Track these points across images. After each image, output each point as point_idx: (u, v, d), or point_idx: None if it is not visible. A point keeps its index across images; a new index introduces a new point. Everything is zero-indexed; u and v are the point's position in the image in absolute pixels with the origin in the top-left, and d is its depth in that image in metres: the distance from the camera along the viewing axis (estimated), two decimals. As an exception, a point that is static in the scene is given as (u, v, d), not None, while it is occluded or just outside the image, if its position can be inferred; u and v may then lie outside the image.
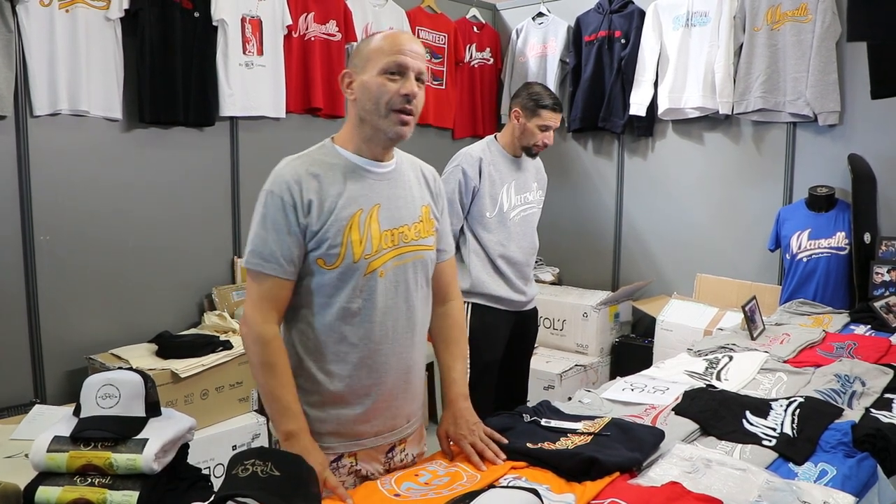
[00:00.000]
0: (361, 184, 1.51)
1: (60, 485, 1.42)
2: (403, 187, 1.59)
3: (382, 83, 1.47)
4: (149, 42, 3.06)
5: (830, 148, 3.47)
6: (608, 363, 4.04)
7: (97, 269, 3.05)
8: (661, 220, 4.17)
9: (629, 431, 1.62)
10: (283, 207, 1.45)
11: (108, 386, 1.54)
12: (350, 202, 1.48)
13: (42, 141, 2.87)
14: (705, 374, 2.27)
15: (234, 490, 1.19)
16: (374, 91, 1.47)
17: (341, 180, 1.49)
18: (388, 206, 1.53)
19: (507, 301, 2.79)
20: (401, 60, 1.47)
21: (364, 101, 1.49)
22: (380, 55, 1.48)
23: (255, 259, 1.47)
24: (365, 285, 1.50)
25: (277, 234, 1.45)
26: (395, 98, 1.47)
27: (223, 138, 3.45)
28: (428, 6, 4.34)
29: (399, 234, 1.54)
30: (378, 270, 1.50)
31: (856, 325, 2.88)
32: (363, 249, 1.48)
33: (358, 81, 1.50)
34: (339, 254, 1.47)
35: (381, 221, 1.51)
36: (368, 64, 1.49)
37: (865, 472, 1.53)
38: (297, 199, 1.45)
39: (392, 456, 1.62)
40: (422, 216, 1.60)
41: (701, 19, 3.77)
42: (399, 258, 1.54)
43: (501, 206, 2.76)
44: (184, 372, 2.72)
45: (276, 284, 1.47)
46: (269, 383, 1.48)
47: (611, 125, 4.17)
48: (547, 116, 2.73)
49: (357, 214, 1.48)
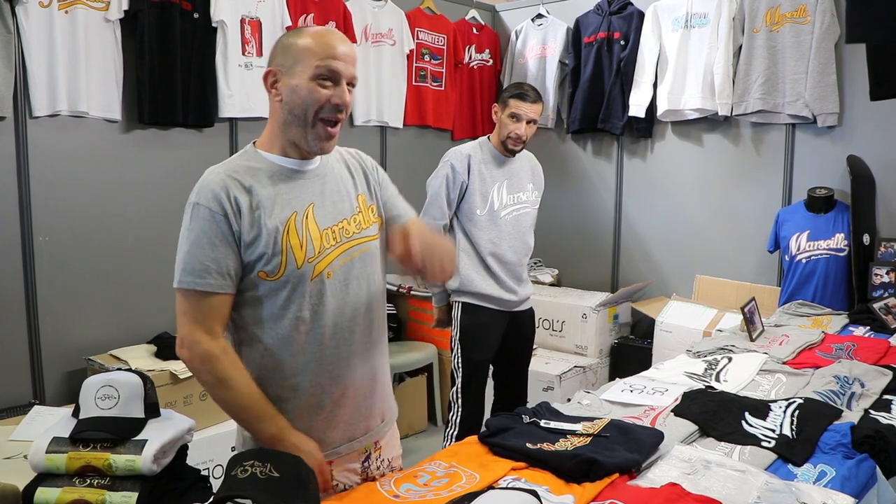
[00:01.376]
0: (291, 185, 1.43)
1: (59, 486, 1.41)
2: (335, 181, 1.50)
3: (313, 89, 1.37)
4: (148, 43, 3.06)
5: (829, 149, 3.47)
6: (607, 364, 4.04)
7: (96, 270, 3.05)
8: (660, 221, 4.17)
9: (628, 433, 1.62)
10: (212, 218, 1.35)
11: (107, 387, 1.54)
12: (283, 206, 1.40)
13: (41, 142, 2.87)
14: (704, 375, 2.27)
15: (234, 491, 1.19)
16: (303, 97, 1.38)
17: (269, 184, 1.40)
18: (323, 203, 1.45)
19: (497, 300, 2.78)
20: (334, 66, 1.37)
21: (292, 106, 1.39)
22: (310, 57, 1.37)
23: (188, 278, 1.35)
24: (314, 290, 1.41)
25: (210, 247, 1.35)
26: (326, 106, 1.38)
27: (222, 139, 3.45)
28: (427, 7, 4.34)
29: (340, 231, 1.46)
30: (325, 272, 1.42)
31: (855, 327, 2.88)
32: (305, 253, 1.40)
33: (285, 83, 1.39)
34: (281, 262, 1.38)
35: (318, 221, 1.43)
36: (297, 66, 1.38)
37: (864, 474, 1.53)
38: (226, 207, 1.36)
39: (368, 465, 1.57)
40: (359, 206, 1.51)
41: (700, 21, 3.77)
42: (345, 255, 1.46)
43: (492, 205, 2.76)
44: (183, 373, 2.72)
45: (217, 300, 1.37)
46: (231, 397, 1.39)
47: (610, 126, 4.17)
48: (514, 104, 2.71)
49: (292, 217, 1.40)
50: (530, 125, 2.78)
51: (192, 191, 1.42)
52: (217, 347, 1.37)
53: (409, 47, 4.20)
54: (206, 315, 1.37)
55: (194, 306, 1.37)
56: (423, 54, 4.32)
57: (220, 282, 1.36)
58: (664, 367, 2.41)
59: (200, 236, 1.36)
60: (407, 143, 4.30)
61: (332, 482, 1.49)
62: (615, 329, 4.10)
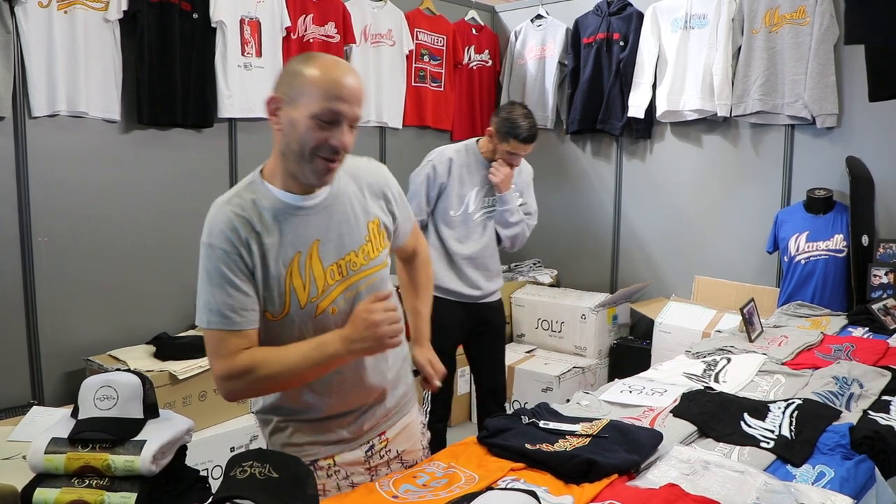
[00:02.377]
0: (295, 224, 1.40)
1: (58, 486, 1.41)
2: (343, 212, 1.46)
3: (311, 128, 1.32)
4: (147, 43, 3.06)
5: (828, 150, 3.47)
6: (606, 365, 4.04)
7: (95, 271, 3.05)
8: (659, 221, 4.17)
9: (627, 433, 1.62)
10: (227, 257, 1.35)
11: (105, 387, 1.54)
12: (286, 247, 1.39)
13: (40, 142, 2.87)
14: (703, 376, 2.27)
15: (233, 492, 1.19)
16: (300, 133, 1.33)
17: (273, 224, 1.38)
18: (329, 238, 1.43)
19: (459, 294, 2.85)
20: (337, 109, 1.32)
21: (289, 140, 1.35)
22: (314, 96, 1.32)
23: (214, 318, 1.36)
24: (319, 325, 1.42)
25: (230, 286, 1.35)
26: (324, 147, 1.33)
27: (222, 140, 3.45)
28: (427, 8, 4.34)
29: (346, 265, 1.45)
30: (329, 309, 1.43)
31: (854, 328, 2.88)
32: (308, 294, 1.40)
33: (286, 114, 1.34)
34: (285, 303, 1.39)
35: (322, 258, 1.42)
36: (300, 100, 1.33)
37: (863, 475, 1.53)
38: (238, 245, 1.35)
39: (371, 454, 1.58)
40: (369, 235, 1.49)
41: (699, 21, 3.78)
42: (350, 289, 1.46)
43: (467, 207, 2.83)
44: (182, 373, 2.72)
45: (245, 334, 1.38)
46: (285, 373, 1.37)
47: (609, 127, 4.17)
48: (516, 146, 2.76)
49: (296, 259, 1.39)
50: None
51: (204, 229, 1.40)
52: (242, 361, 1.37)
53: (409, 48, 4.20)
54: (235, 350, 1.37)
55: (224, 345, 1.37)
56: (423, 55, 4.32)
57: (245, 318, 1.37)
58: (663, 367, 2.41)
59: (219, 278, 1.36)
60: (406, 144, 4.30)
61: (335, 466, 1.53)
62: (614, 330, 4.11)
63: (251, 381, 1.38)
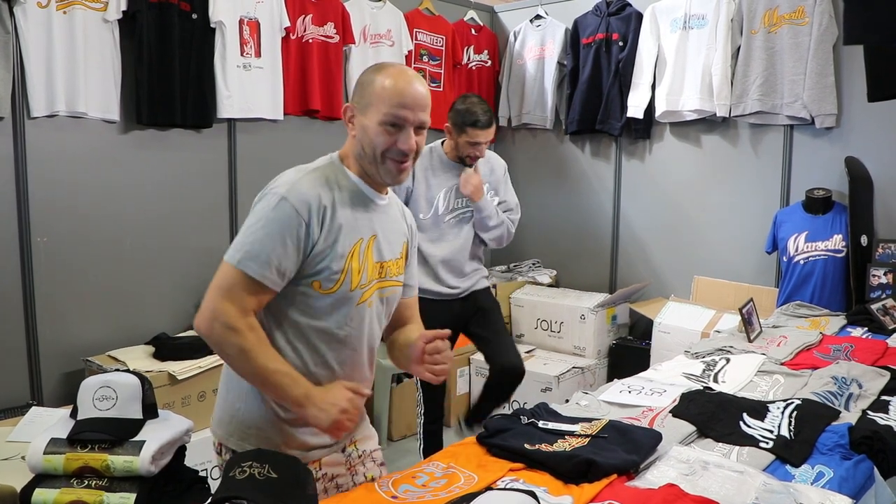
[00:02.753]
0: (364, 212, 1.50)
1: (57, 487, 1.41)
2: (394, 221, 1.60)
3: (380, 133, 1.43)
4: (146, 44, 3.06)
5: (827, 150, 3.48)
6: (605, 365, 4.04)
7: (94, 271, 3.05)
8: (658, 222, 4.17)
9: (626, 433, 1.63)
10: (295, 218, 1.38)
11: (104, 388, 1.54)
12: (354, 230, 1.47)
13: (39, 142, 2.87)
14: (702, 376, 2.27)
15: (232, 492, 1.19)
16: (371, 138, 1.44)
17: (349, 205, 1.47)
18: (382, 239, 1.53)
19: (433, 293, 2.84)
20: (402, 115, 1.43)
21: (363, 144, 1.46)
22: (382, 103, 1.43)
23: (250, 263, 1.36)
24: (355, 314, 1.49)
25: (281, 244, 1.37)
26: (393, 150, 1.45)
27: (221, 140, 3.45)
28: (426, 8, 4.34)
29: (385, 268, 1.55)
30: (368, 301, 1.51)
31: (853, 328, 2.88)
32: (360, 279, 1.47)
33: (359, 121, 1.47)
34: (339, 280, 1.44)
35: (374, 253, 1.51)
36: (370, 108, 1.44)
37: (862, 475, 1.54)
38: (312, 215, 1.39)
39: (349, 453, 1.63)
40: (402, 252, 1.62)
41: (698, 22, 3.78)
42: (381, 291, 1.55)
43: (437, 209, 2.83)
44: (181, 374, 2.72)
45: (264, 292, 1.40)
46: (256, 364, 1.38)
47: (608, 127, 4.17)
48: (474, 134, 2.76)
49: (358, 243, 1.47)
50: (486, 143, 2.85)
51: (278, 181, 1.43)
52: (244, 323, 1.37)
53: (408, 48, 4.20)
54: (246, 299, 1.38)
55: (241, 287, 1.37)
56: (422, 55, 4.32)
57: (276, 279, 1.39)
58: (662, 368, 2.41)
59: (277, 231, 1.37)
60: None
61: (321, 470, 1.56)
62: (613, 330, 4.11)
63: (231, 342, 1.37)
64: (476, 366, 4.01)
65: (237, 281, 1.37)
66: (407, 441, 3.65)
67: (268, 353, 1.40)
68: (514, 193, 3.05)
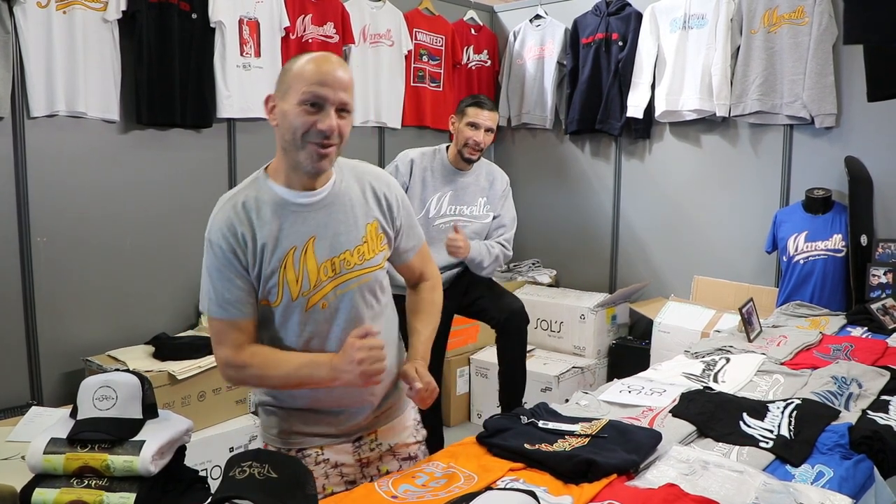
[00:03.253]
0: (293, 219, 1.47)
1: (57, 487, 1.41)
2: (342, 211, 1.52)
3: (299, 114, 1.40)
4: (146, 43, 3.06)
5: (827, 150, 3.48)
6: (605, 365, 4.04)
7: (94, 271, 3.05)
8: (658, 222, 4.17)
9: (626, 433, 1.63)
10: (223, 255, 1.45)
11: (104, 388, 1.54)
12: (282, 241, 1.46)
13: (39, 142, 2.87)
14: (702, 376, 2.27)
15: (232, 492, 1.19)
16: (291, 122, 1.41)
17: (272, 219, 1.46)
18: (325, 236, 1.49)
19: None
20: (319, 93, 1.39)
21: (283, 131, 1.43)
22: (299, 83, 1.40)
23: (214, 308, 1.48)
24: (309, 318, 1.50)
25: (227, 281, 1.46)
26: (312, 131, 1.40)
27: (220, 140, 3.45)
28: (426, 8, 4.34)
29: (340, 262, 1.51)
30: (319, 303, 1.50)
31: (852, 327, 2.88)
32: (300, 288, 1.47)
33: (280, 108, 1.44)
34: (278, 293, 1.47)
35: (317, 254, 1.48)
36: (289, 91, 1.42)
37: (862, 474, 1.54)
38: (233, 243, 1.44)
39: (360, 445, 1.63)
40: (366, 236, 1.54)
41: (698, 22, 3.78)
42: (342, 286, 1.51)
43: (428, 211, 2.84)
44: (181, 374, 2.72)
45: (241, 324, 1.48)
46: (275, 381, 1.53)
47: (608, 127, 4.17)
48: (472, 113, 2.80)
49: (290, 253, 1.46)
50: (488, 133, 2.85)
51: (208, 224, 1.51)
52: (244, 357, 1.49)
53: (408, 48, 4.20)
54: (232, 337, 1.49)
55: (222, 332, 1.49)
56: (422, 55, 4.32)
57: (240, 310, 1.48)
58: (662, 367, 2.41)
59: (217, 272, 1.47)
60: (405, 144, 4.27)
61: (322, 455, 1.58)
62: (613, 330, 4.11)
63: (246, 376, 1.52)
64: (476, 366, 4.01)
65: (215, 327, 1.50)
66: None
67: (279, 363, 1.49)
68: (512, 208, 3.02)
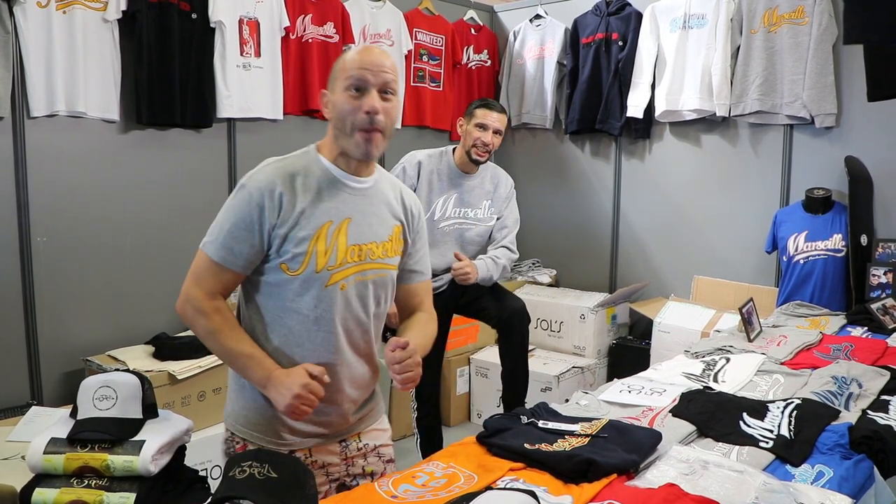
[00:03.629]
0: (336, 196, 1.52)
1: (57, 487, 1.41)
2: (378, 205, 1.59)
3: (346, 101, 1.48)
4: (146, 43, 3.06)
5: (827, 150, 3.48)
6: (605, 365, 4.04)
7: (94, 271, 3.05)
8: (658, 221, 4.17)
9: (626, 433, 1.63)
10: (251, 204, 1.46)
11: (104, 388, 1.54)
12: (322, 213, 1.49)
13: (39, 142, 2.87)
14: (702, 375, 2.27)
15: (232, 492, 1.19)
16: (339, 109, 1.49)
17: (316, 189, 1.50)
18: (359, 222, 1.54)
19: None
20: (360, 75, 1.47)
21: (335, 120, 1.51)
22: (344, 73, 1.49)
23: (212, 247, 1.48)
24: (326, 296, 1.50)
25: (239, 230, 1.46)
26: (359, 116, 1.47)
27: (220, 140, 3.45)
28: (426, 8, 4.34)
29: (366, 251, 1.54)
30: (339, 283, 1.51)
31: (852, 327, 2.88)
32: (327, 261, 1.48)
33: (330, 100, 1.53)
34: (304, 262, 1.47)
35: (349, 235, 1.51)
36: (336, 83, 1.51)
37: (862, 474, 1.54)
38: (266, 201, 1.45)
39: (347, 445, 1.63)
40: (392, 236, 1.60)
41: (698, 21, 3.78)
42: (362, 273, 1.54)
43: (433, 214, 2.83)
44: (181, 374, 2.72)
45: (227, 274, 1.49)
46: (219, 348, 1.51)
47: (608, 127, 4.17)
48: (480, 114, 2.80)
49: (326, 226, 1.49)
50: (496, 135, 2.84)
51: (247, 173, 1.52)
52: (210, 306, 1.48)
53: (408, 48, 4.20)
54: (211, 281, 1.49)
55: (205, 270, 1.49)
56: (422, 55, 4.32)
57: (237, 262, 1.47)
58: (662, 367, 2.41)
59: (234, 215, 1.47)
60: (405, 144, 4.27)
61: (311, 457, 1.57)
62: (613, 330, 4.11)
63: (198, 324, 1.50)
64: (476, 365, 4.01)
65: (202, 264, 1.49)
66: (407, 441, 3.65)
67: (234, 335, 1.49)
68: (516, 209, 3.03)
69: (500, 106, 2.87)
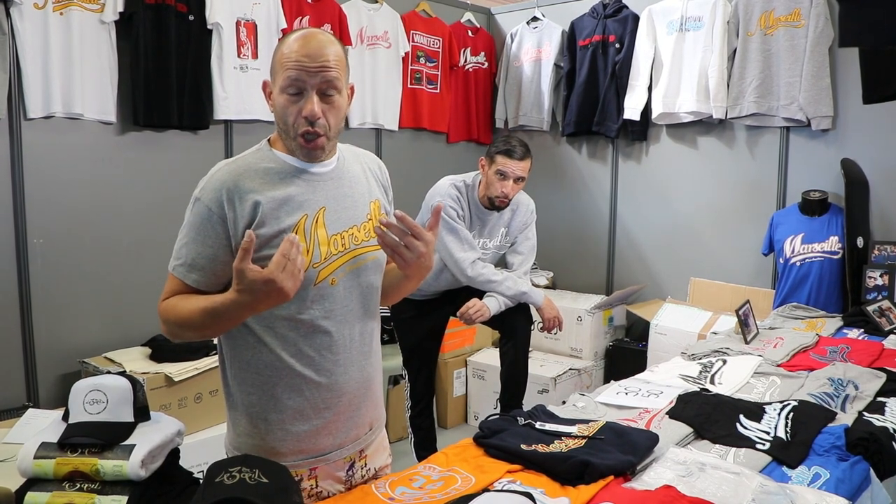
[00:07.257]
0: (303, 187, 1.39)
1: (49, 490, 1.41)
2: (349, 185, 1.46)
3: (284, 102, 1.35)
4: (143, 45, 3.06)
5: (823, 152, 3.48)
6: (602, 367, 4.04)
7: (91, 273, 3.04)
8: (655, 224, 4.18)
9: (623, 435, 1.63)
10: (209, 217, 1.35)
11: (95, 391, 1.53)
12: (294, 207, 1.37)
13: (36, 144, 2.86)
14: (699, 377, 2.27)
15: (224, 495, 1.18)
16: (279, 109, 1.36)
17: (281, 184, 1.37)
18: (335, 209, 1.42)
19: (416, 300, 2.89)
20: (297, 76, 1.32)
21: (277, 119, 1.39)
22: (282, 67, 1.34)
23: (179, 268, 1.38)
24: (316, 295, 1.39)
25: (202, 245, 1.35)
26: (298, 121, 1.34)
27: (217, 142, 3.44)
28: (423, 10, 4.35)
29: (349, 237, 1.43)
30: (329, 279, 1.39)
31: (849, 329, 2.89)
32: (311, 258, 1.36)
33: (273, 95, 1.38)
34: None
35: (327, 226, 1.40)
36: (276, 77, 1.36)
37: (858, 476, 1.54)
38: (224, 208, 1.34)
39: (353, 473, 1.52)
40: (370, 214, 1.48)
41: (695, 24, 3.78)
42: (352, 262, 1.43)
43: None
44: (177, 375, 2.71)
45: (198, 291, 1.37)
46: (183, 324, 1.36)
47: (605, 129, 4.18)
48: (501, 162, 2.69)
49: (302, 221, 1.37)
50: (518, 182, 2.76)
51: (199, 182, 1.41)
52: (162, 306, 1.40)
53: (405, 50, 4.20)
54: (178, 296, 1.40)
55: (173, 291, 1.40)
56: (419, 57, 4.32)
57: (204, 279, 1.37)
58: (659, 369, 2.41)
59: (195, 232, 1.37)
60: (402, 146, 4.30)
61: (316, 488, 1.47)
62: (610, 332, 4.11)
63: (169, 325, 1.39)
64: (473, 367, 4.01)
65: (173, 284, 1.40)
66: (403, 443, 3.64)
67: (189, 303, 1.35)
68: (533, 237, 2.99)
69: (521, 150, 2.72)
